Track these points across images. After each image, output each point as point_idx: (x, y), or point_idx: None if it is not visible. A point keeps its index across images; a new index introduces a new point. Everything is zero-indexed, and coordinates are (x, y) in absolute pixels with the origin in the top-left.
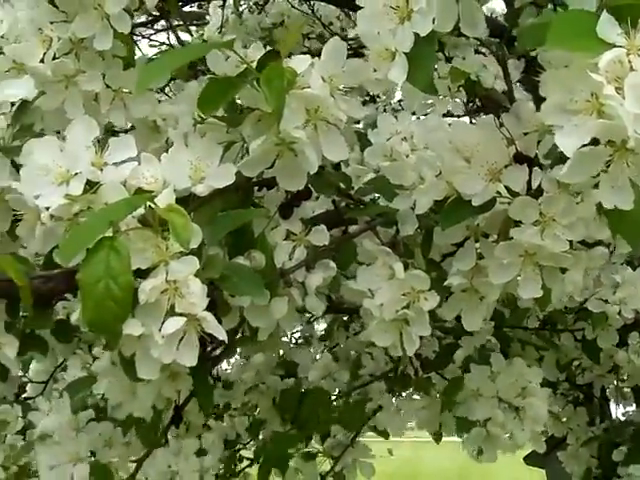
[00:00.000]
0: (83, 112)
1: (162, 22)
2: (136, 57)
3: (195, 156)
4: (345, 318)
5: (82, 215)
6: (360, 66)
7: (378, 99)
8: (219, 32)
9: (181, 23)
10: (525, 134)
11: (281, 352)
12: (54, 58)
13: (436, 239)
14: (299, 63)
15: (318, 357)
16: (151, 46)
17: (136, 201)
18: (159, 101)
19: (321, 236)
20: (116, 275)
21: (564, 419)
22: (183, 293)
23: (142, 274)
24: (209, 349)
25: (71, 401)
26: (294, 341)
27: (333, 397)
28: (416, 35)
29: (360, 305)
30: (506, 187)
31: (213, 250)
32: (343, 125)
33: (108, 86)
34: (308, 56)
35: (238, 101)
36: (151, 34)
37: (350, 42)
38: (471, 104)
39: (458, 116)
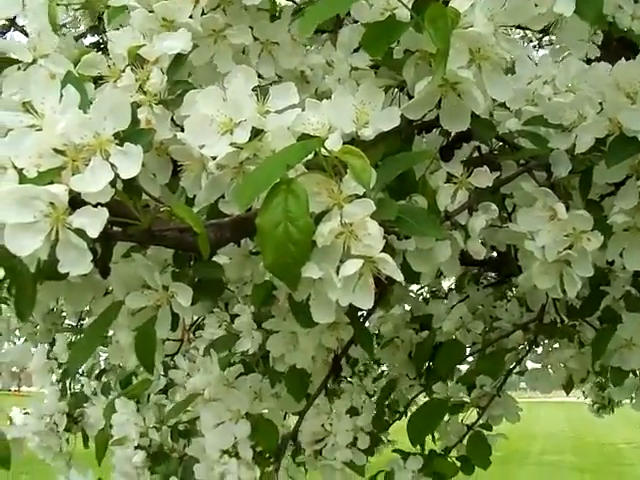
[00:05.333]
0: (233, 65)
1: None
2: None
3: (358, 100)
4: (475, 271)
5: (248, 163)
6: (521, 3)
7: None
8: None
9: None
10: None
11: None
12: (202, 14)
13: (596, 178)
14: (461, 2)
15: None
16: None
17: (310, 145)
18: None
19: (483, 178)
20: (295, 218)
21: None
22: (359, 236)
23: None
24: None
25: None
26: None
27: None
28: None
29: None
30: None
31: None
32: (505, 64)
33: (256, 39)
34: None
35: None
36: None
37: None
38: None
39: (594, 59)
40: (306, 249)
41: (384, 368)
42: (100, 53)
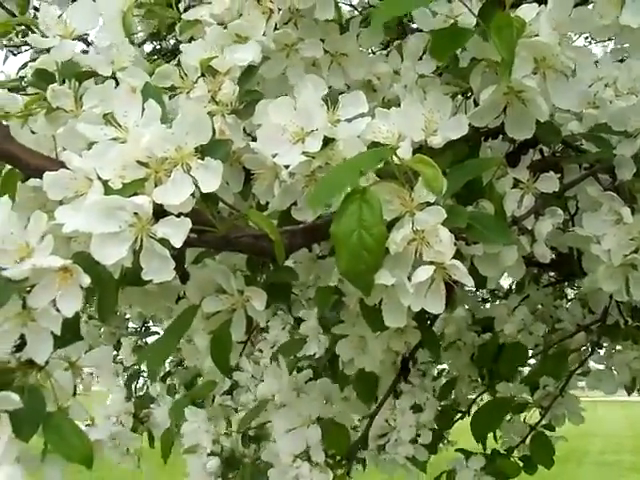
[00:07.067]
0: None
1: None
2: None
3: (427, 109)
4: (535, 271)
5: (320, 171)
6: (587, 14)
7: None
8: None
9: None
10: None
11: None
12: (275, 29)
13: None
14: (527, 12)
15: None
16: None
17: (382, 153)
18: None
19: (550, 183)
20: (369, 226)
21: None
22: (430, 242)
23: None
24: None
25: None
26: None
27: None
28: None
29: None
30: None
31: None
32: (570, 72)
33: (326, 51)
34: (535, 4)
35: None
36: None
37: None
38: None
39: None
40: (379, 256)
41: (441, 367)
42: (159, 60)
